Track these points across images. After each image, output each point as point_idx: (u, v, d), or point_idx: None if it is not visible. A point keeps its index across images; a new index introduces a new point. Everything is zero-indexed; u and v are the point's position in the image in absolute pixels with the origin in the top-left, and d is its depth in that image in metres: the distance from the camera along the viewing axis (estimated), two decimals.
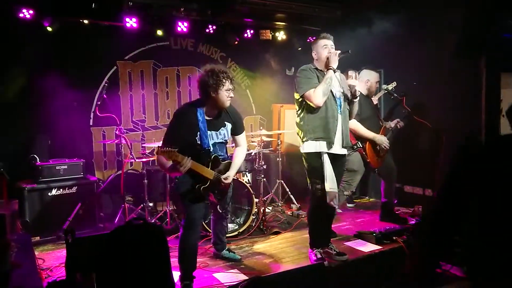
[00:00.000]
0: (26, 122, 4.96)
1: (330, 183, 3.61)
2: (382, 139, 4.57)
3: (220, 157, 3.49)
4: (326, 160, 3.63)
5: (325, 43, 3.71)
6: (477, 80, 4.69)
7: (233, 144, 3.83)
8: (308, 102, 3.60)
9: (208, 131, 3.35)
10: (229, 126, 3.51)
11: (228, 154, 3.70)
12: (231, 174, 3.50)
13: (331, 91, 3.61)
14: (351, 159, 4.54)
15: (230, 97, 3.34)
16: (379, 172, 4.82)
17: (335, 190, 3.65)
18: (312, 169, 3.69)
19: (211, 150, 3.38)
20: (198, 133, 3.30)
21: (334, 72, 3.64)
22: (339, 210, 3.69)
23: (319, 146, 3.62)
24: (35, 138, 4.98)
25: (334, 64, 3.62)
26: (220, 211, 3.65)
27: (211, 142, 3.37)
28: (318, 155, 3.63)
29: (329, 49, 3.69)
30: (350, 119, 3.89)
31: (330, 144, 3.61)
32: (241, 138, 3.66)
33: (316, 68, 3.72)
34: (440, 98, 5.12)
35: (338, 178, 3.78)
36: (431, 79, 5.22)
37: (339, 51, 3.66)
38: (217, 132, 3.43)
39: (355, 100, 3.80)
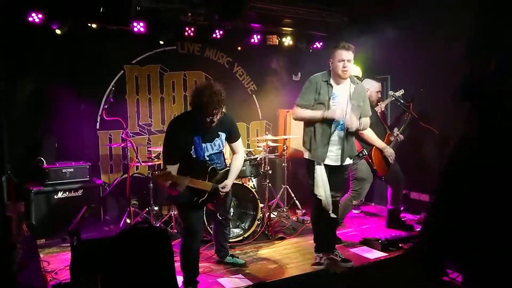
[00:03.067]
0: (33, 125, 4.99)
1: (320, 190, 3.64)
2: (391, 152, 4.55)
3: (217, 166, 3.44)
4: (319, 167, 3.65)
5: (340, 57, 3.54)
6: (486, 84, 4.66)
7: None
8: None
9: (203, 144, 3.29)
10: (223, 135, 3.42)
11: (226, 161, 3.66)
12: (228, 183, 3.43)
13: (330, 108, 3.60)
14: (360, 168, 4.51)
15: (214, 119, 3.17)
16: (386, 179, 4.79)
17: (325, 197, 3.66)
18: (308, 174, 3.75)
19: (207, 162, 3.35)
20: (193, 146, 3.26)
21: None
22: (333, 215, 3.73)
23: (311, 156, 3.70)
24: (42, 141, 5.01)
25: (338, 117, 3.55)
26: (220, 218, 3.62)
27: (206, 154, 3.33)
28: (313, 162, 3.68)
29: (344, 63, 3.52)
30: (364, 129, 3.89)
31: (318, 158, 3.65)
32: (237, 145, 3.57)
33: (326, 81, 3.63)
34: (447, 104, 5.08)
35: (338, 186, 3.80)
36: (438, 85, 5.19)
37: (349, 107, 3.56)
38: (212, 144, 3.35)
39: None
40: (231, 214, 3.88)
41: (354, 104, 3.64)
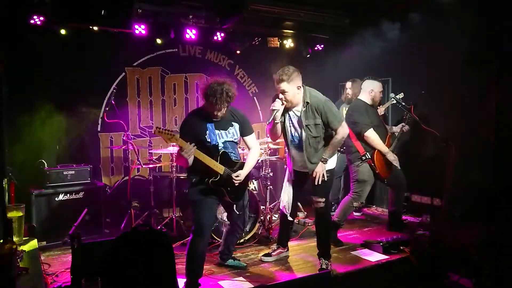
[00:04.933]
0: (34, 127, 4.98)
1: (282, 193, 4.07)
2: (394, 157, 4.54)
3: (231, 155, 3.52)
4: (286, 172, 4.04)
5: (277, 90, 3.75)
6: (488, 88, 4.66)
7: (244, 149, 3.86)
8: None
9: (217, 130, 3.44)
10: (236, 126, 3.57)
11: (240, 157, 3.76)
12: (243, 173, 3.52)
13: (286, 129, 3.79)
14: (361, 170, 4.51)
15: (218, 114, 3.38)
16: (389, 181, 4.77)
17: (286, 200, 3.99)
18: None
19: (219, 146, 3.45)
20: (207, 131, 3.40)
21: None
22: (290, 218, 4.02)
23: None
24: (43, 143, 5.01)
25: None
26: (238, 213, 3.64)
27: (220, 140, 3.45)
28: None
29: (282, 95, 3.70)
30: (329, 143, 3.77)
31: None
32: (251, 139, 3.69)
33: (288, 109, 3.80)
34: (449, 106, 5.08)
35: (314, 191, 3.84)
36: (440, 87, 5.19)
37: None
38: (226, 131, 3.50)
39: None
40: (248, 216, 3.93)
41: (310, 124, 3.66)
